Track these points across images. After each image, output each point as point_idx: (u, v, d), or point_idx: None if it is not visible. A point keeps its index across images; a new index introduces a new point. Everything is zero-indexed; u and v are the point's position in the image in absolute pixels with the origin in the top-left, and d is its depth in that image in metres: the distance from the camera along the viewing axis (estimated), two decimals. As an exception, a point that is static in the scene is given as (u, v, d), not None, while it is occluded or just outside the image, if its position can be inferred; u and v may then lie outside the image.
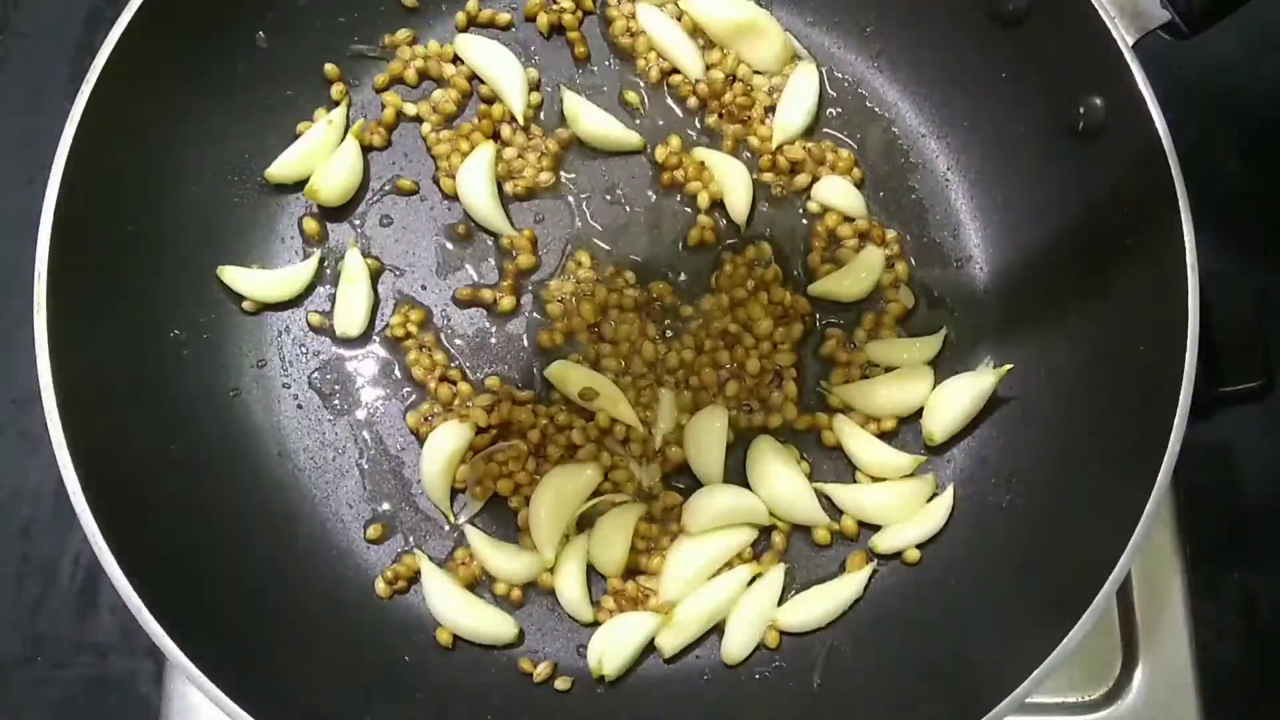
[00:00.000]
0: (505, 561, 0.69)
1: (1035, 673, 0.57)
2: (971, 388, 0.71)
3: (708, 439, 0.70)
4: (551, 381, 0.72)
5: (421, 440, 0.71)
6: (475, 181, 0.75)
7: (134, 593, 0.57)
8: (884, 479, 0.71)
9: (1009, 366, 0.71)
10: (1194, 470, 0.61)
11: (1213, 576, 0.76)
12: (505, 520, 0.71)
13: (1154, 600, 0.73)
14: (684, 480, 0.71)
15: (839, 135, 0.78)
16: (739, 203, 0.76)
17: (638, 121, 0.78)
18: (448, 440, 0.70)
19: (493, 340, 0.74)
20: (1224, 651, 0.76)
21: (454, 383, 0.72)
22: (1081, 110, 0.68)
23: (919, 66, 0.78)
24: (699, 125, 0.78)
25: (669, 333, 0.74)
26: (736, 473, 0.71)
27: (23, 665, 0.76)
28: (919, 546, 0.70)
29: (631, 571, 0.70)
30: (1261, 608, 0.78)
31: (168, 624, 0.57)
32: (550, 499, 0.69)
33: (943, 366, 0.73)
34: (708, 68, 0.78)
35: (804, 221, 0.76)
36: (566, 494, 0.69)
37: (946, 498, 0.70)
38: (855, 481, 0.72)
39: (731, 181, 0.76)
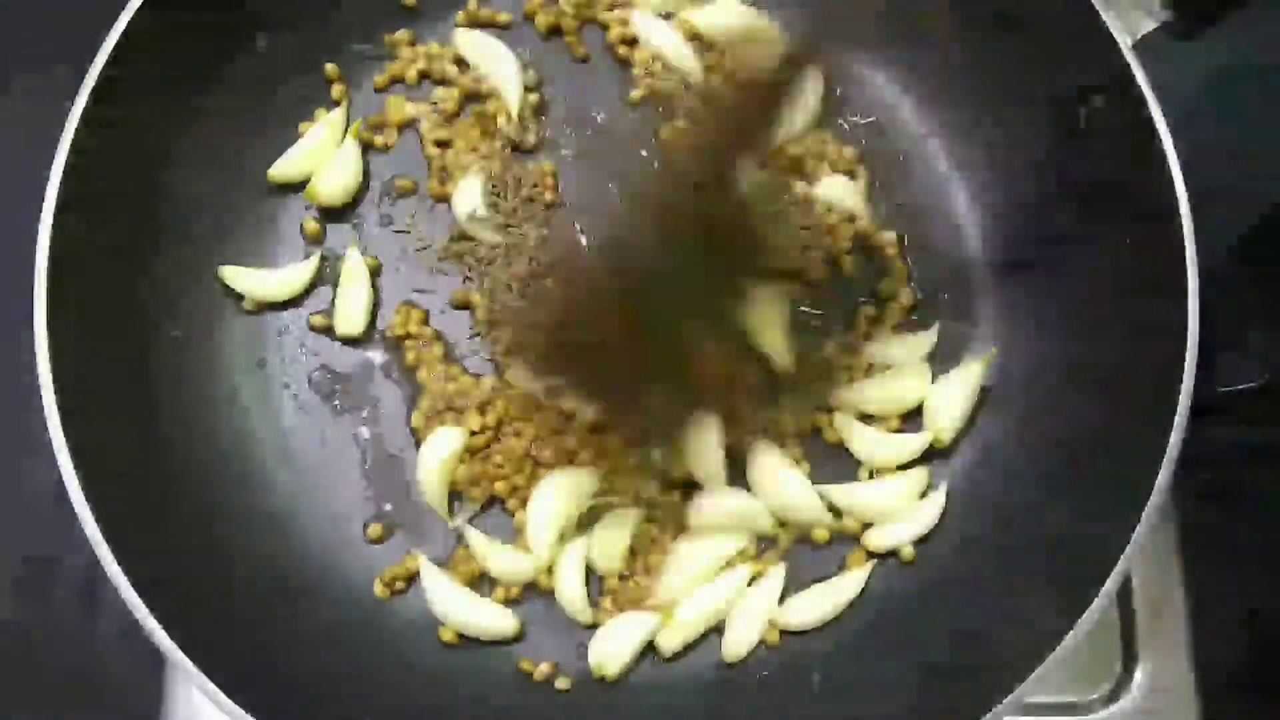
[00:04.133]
0: (504, 562, 0.69)
1: (1035, 673, 0.57)
2: (966, 379, 0.71)
3: (707, 442, 0.70)
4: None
5: (421, 440, 0.71)
6: (469, 198, 0.74)
7: (134, 592, 0.57)
8: (890, 469, 0.71)
9: (995, 350, 0.71)
10: (1194, 470, 0.62)
11: (1213, 577, 0.76)
12: (505, 521, 0.71)
13: (1154, 600, 0.73)
14: (684, 480, 0.71)
15: (839, 135, 0.78)
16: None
17: (638, 118, 0.78)
18: (445, 442, 0.70)
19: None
20: (1224, 652, 0.76)
21: (453, 382, 0.72)
22: (1081, 110, 0.68)
23: (919, 66, 0.78)
24: (699, 126, 0.78)
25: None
26: (737, 473, 0.71)
27: (22, 665, 0.76)
28: (916, 545, 0.70)
29: (631, 571, 0.70)
30: (1262, 608, 0.78)
31: (168, 624, 0.57)
32: (547, 503, 0.68)
33: (942, 366, 0.73)
34: (707, 70, 0.78)
35: (804, 221, 0.76)
36: (564, 498, 0.69)
37: (939, 494, 0.70)
38: (857, 479, 0.72)
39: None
